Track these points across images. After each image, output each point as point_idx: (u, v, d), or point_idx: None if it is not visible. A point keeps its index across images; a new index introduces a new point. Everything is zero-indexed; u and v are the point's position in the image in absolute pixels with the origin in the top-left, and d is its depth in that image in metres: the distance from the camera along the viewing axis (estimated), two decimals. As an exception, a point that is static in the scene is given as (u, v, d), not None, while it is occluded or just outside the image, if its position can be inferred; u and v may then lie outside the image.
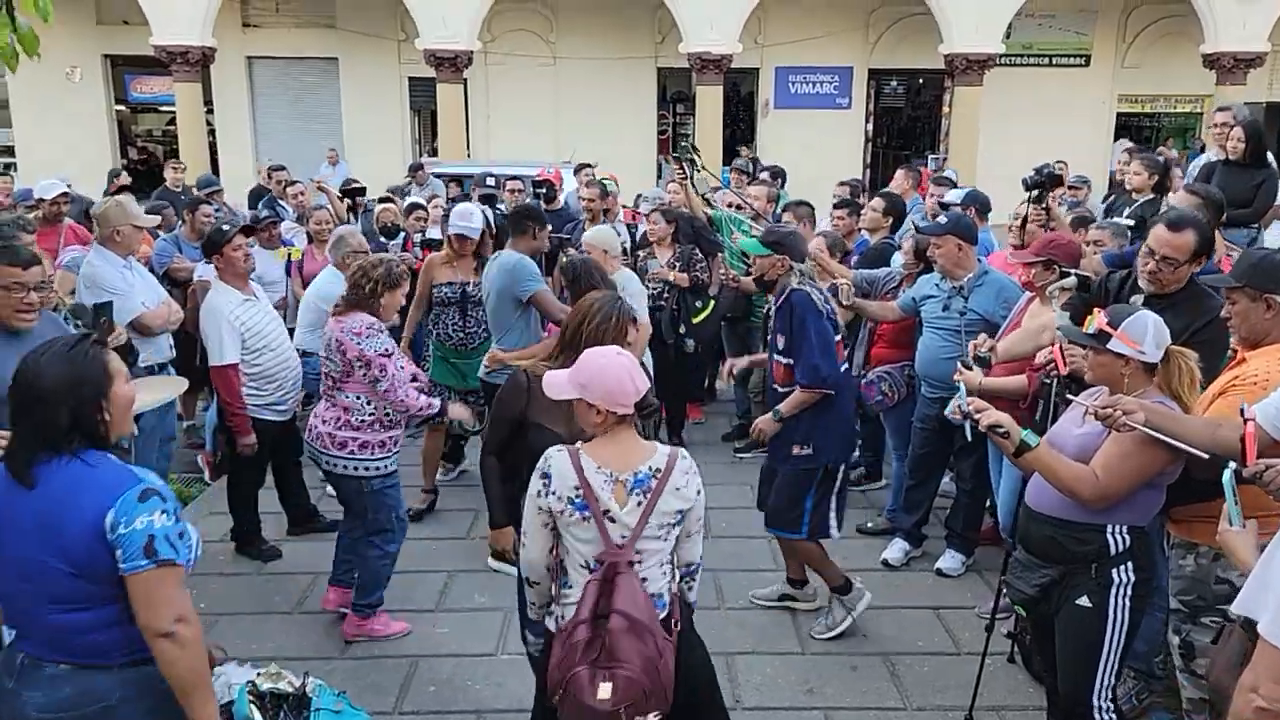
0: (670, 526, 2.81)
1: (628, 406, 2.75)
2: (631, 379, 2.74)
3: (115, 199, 5.62)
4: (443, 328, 5.79)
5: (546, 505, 2.76)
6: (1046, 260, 4.34)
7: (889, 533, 5.56)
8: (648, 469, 2.78)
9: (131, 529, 2.25)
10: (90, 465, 2.30)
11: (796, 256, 4.41)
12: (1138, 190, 6.56)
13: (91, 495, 2.26)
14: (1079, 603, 3.13)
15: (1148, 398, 3.05)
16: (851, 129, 20.54)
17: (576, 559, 2.79)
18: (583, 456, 2.77)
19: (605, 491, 2.73)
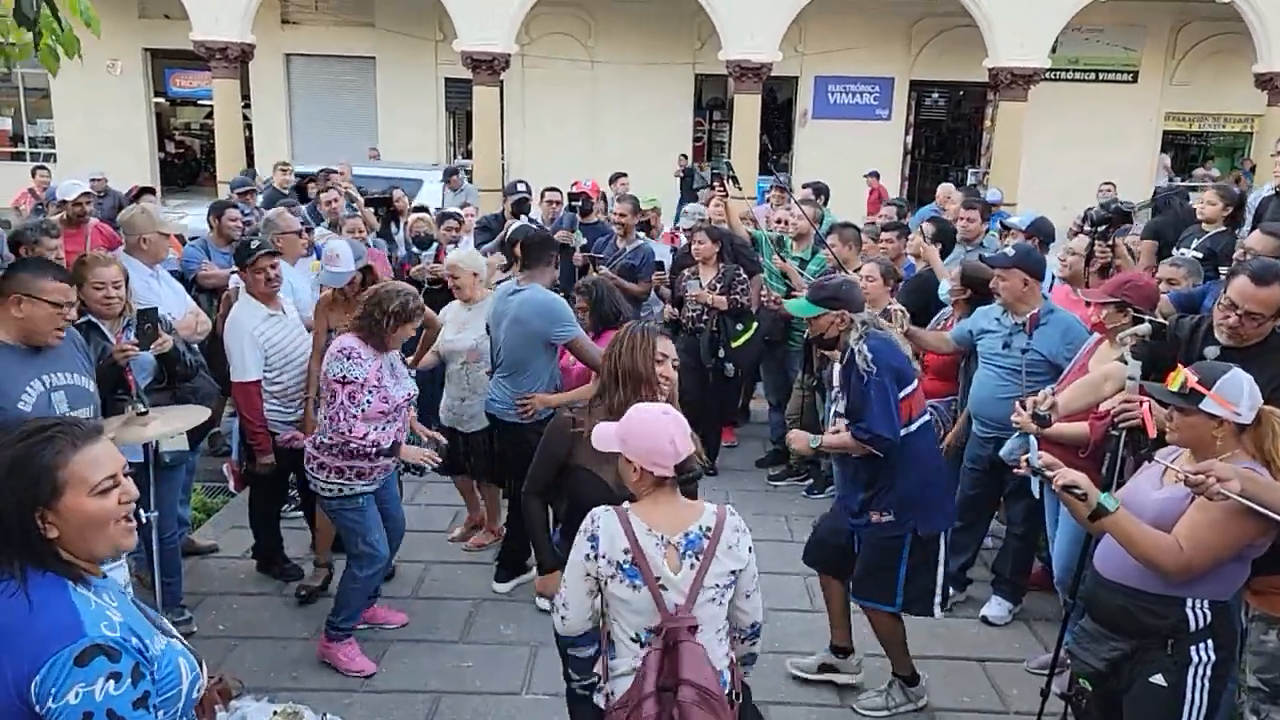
0: (725, 588, 2.64)
1: (666, 468, 2.60)
2: (672, 440, 2.58)
3: (140, 205, 5.51)
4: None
5: (595, 570, 2.59)
6: (1120, 302, 4.09)
7: (932, 574, 5.33)
8: (699, 529, 2.62)
9: (63, 703, 1.69)
10: (28, 604, 1.75)
11: (855, 307, 3.98)
12: (1209, 221, 6.26)
13: (27, 649, 1.72)
14: (1153, 681, 2.90)
15: (1235, 461, 2.82)
16: (890, 140, 20.27)
17: (625, 630, 2.62)
18: (633, 517, 2.61)
19: (658, 556, 2.57)
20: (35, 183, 11.68)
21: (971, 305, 5.17)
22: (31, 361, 3.41)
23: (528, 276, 5.00)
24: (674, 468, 2.59)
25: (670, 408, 2.73)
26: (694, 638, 2.54)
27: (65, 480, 1.83)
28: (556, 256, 5.18)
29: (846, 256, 6.32)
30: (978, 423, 4.88)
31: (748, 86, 17.48)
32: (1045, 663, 4.35)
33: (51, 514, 1.82)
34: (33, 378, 3.38)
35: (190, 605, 4.83)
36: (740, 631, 2.77)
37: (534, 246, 5.10)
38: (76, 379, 3.52)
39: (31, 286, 3.31)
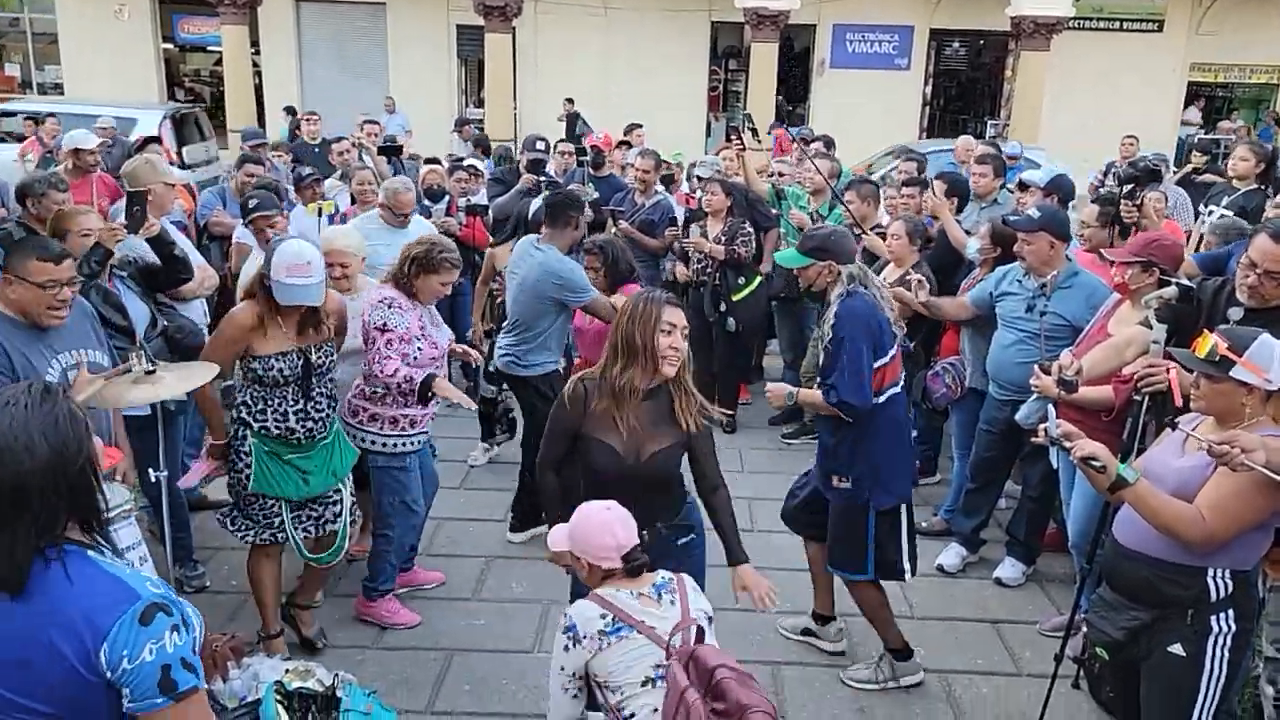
0: (708, 621, 2.75)
1: (612, 561, 2.71)
2: (612, 534, 2.69)
3: (144, 156, 5.42)
4: (271, 414, 3.81)
5: (573, 665, 2.64)
6: (1145, 262, 3.99)
7: (944, 534, 5.30)
8: (660, 578, 2.77)
9: (139, 663, 1.73)
10: (69, 580, 1.75)
11: (843, 258, 3.88)
12: (1241, 178, 6.10)
13: (79, 623, 1.72)
14: (1172, 650, 2.87)
15: (1260, 429, 2.75)
16: (909, 90, 19.90)
17: (633, 683, 2.61)
18: (599, 592, 2.72)
19: (634, 607, 2.66)
20: (44, 130, 11.57)
21: (1001, 264, 5.06)
22: (46, 340, 3.34)
23: (548, 237, 4.95)
24: (620, 559, 2.69)
25: (613, 504, 2.79)
26: (704, 641, 2.61)
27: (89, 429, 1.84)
28: (579, 218, 5.09)
29: (865, 213, 6.21)
30: (995, 385, 4.81)
31: (765, 35, 17.16)
32: (1058, 625, 4.33)
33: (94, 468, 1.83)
34: (52, 358, 3.32)
35: (203, 560, 4.85)
36: None
37: (557, 207, 5.03)
38: (89, 354, 3.45)
39: (17, 268, 3.21)
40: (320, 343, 3.86)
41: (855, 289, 3.84)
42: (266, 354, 3.72)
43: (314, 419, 3.87)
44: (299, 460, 3.87)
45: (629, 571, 2.71)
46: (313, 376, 3.82)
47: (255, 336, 3.72)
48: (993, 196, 6.74)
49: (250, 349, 3.73)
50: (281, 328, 3.74)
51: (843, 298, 3.82)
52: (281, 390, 3.78)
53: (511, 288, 5.04)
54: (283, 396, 3.79)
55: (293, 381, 3.77)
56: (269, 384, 3.76)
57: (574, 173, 8.01)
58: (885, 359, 3.84)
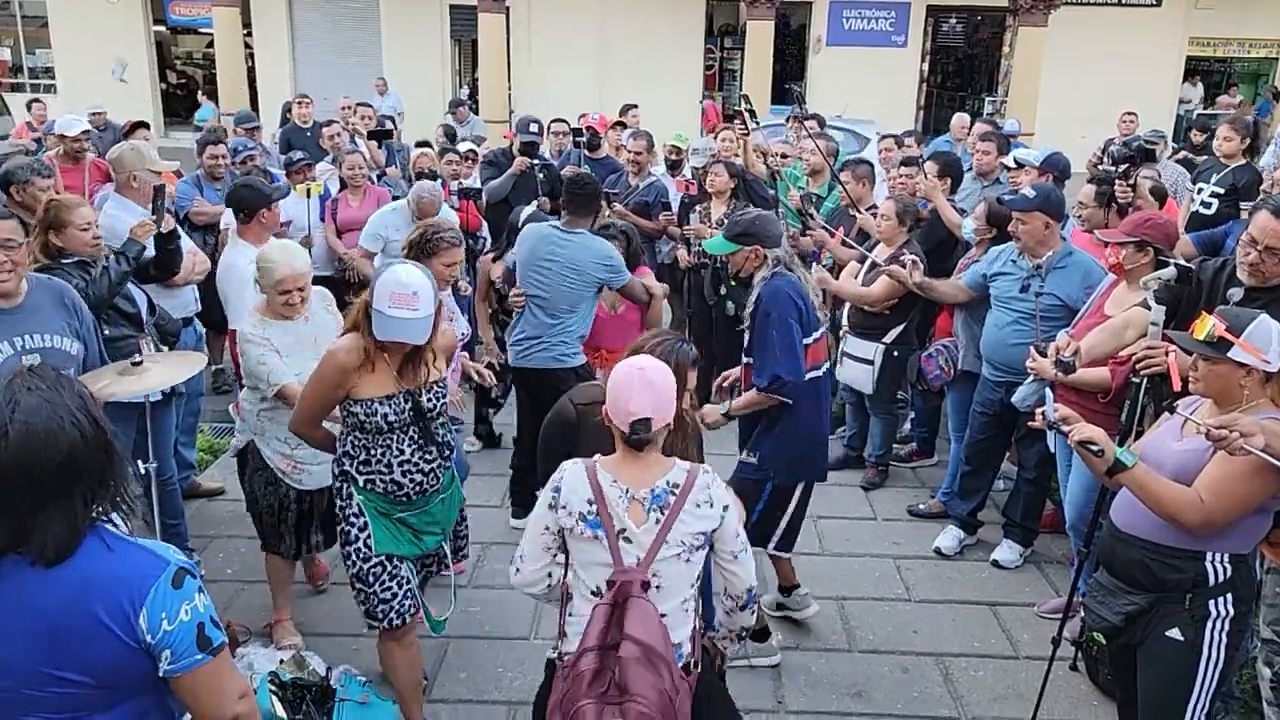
0: (694, 549, 2.57)
1: (622, 425, 2.54)
2: (629, 395, 2.51)
3: (130, 142, 5.34)
4: (376, 465, 3.28)
5: (555, 522, 2.55)
6: (1140, 241, 3.96)
7: (941, 516, 5.29)
8: (665, 484, 2.56)
9: (178, 624, 1.83)
10: (108, 548, 1.83)
11: (768, 243, 3.88)
12: (1228, 156, 6.08)
13: (115, 593, 1.79)
14: (1170, 635, 2.85)
15: (1259, 412, 2.73)
16: (906, 68, 19.74)
17: (585, 585, 2.55)
18: (600, 470, 2.57)
19: (620, 507, 2.52)
20: (32, 115, 11.50)
21: (996, 245, 5.02)
22: (2, 321, 3.22)
23: (572, 221, 4.89)
24: (627, 426, 2.51)
25: (649, 364, 2.59)
26: (645, 595, 2.46)
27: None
28: (601, 204, 5.06)
29: (860, 194, 6.16)
30: (989, 366, 4.78)
31: (760, 12, 17.00)
32: (1056, 607, 4.33)
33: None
34: (4, 339, 3.19)
35: (198, 548, 4.83)
36: (734, 599, 2.69)
37: (583, 195, 4.97)
38: (55, 340, 3.32)
39: None
40: (431, 384, 3.31)
41: (779, 271, 3.86)
42: (369, 397, 3.16)
43: (424, 471, 3.32)
44: (411, 517, 3.37)
45: (628, 443, 2.54)
46: (424, 422, 3.28)
47: (358, 376, 3.17)
48: (994, 175, 6.70)
49: (351, 390, 3.19)
50: (388, 365, 3.19)
51: (766, 280, 3.84)
52: (386, 438, 3.24)
53: (541, 275, 4.80)
54: (387, 445, 3.24)
55: (399, 429, 3.24)
56: (371, 430, 3.21)
57: (569, 154, 7.95)
58: (810, 339, 3.86)
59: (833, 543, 5.14)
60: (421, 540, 3.41)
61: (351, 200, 6.71)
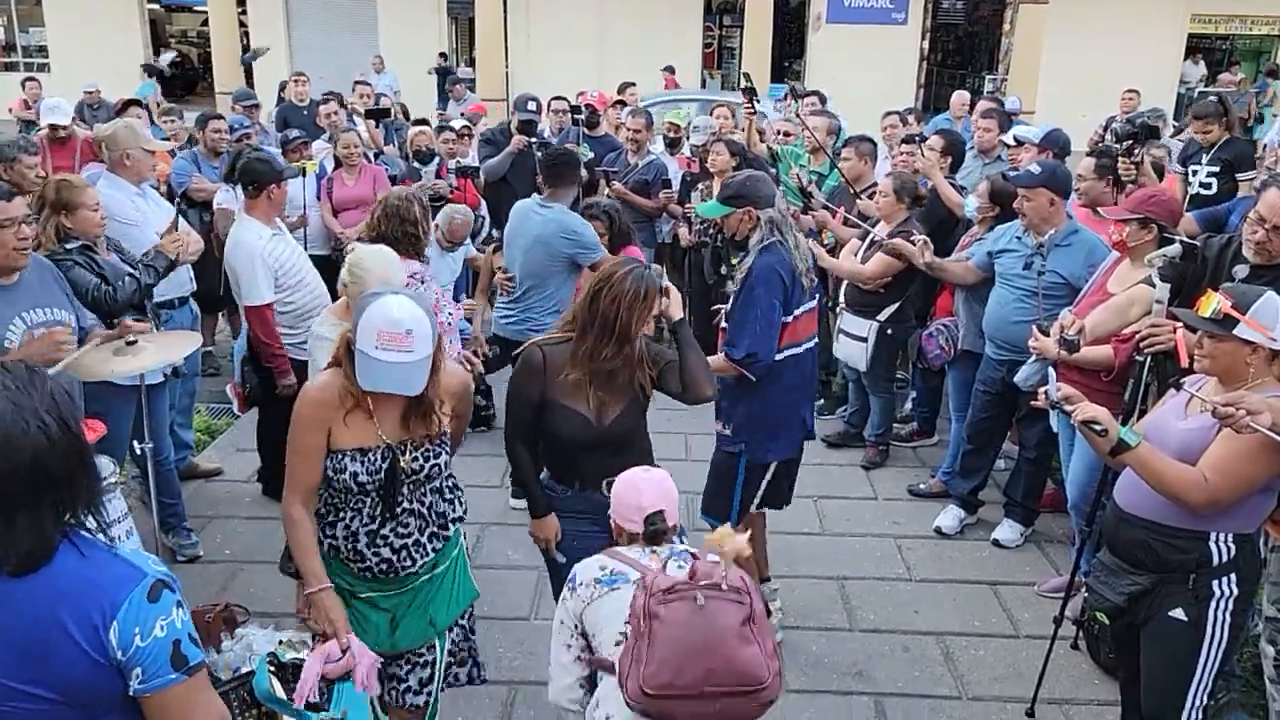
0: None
1: (635, 523, 2.55)
2: (639, 492, 2.55)
3: (123, 120, 5.27)
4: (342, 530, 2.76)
5: (570, 616, 2.50)
6: (1143, 218, 3.92)
7: (941, 496, 5.28)
8: (681, 548, 2.58)
9: (151, 640, 1.70)
10: (82, 556, 1.70)
11: (760, 203, 3.76)
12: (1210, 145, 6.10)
13: (85, 605, 1.66)
14: (1173, 615, 2.84)
15: (1264, 389, 2.70)
16: (906, 46, 19.61)
17: (609, 640, 2.42)
18: (613, 549, 2.60)
19: (643, 560, 2.50)
20: (27, 94, 11.45)
21: (999, 223, 4.98)
22: (9, 298, 3.25)
23: (552, 195, 4.94)
24: (642, 520, 2.53)
25: (655, 470, 2.66)
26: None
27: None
28: (580, 176, 5.07)
29: (860, 171, 6.11)
30: (992, 345, 4.75)
31: (759, -11, 16.90)
32: (1057, 586, 4.32)
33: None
34: (14, 315, 3.24)
35: (195, 529, 4.81)
36: None
37: (559, 166, 5.00)
38: (57, 313, 3.38)
39: None
40: (421, 440, 2.71)
41: (773, 240, 3.76)
42: (341, 449, 2.64)
43: (395, 548, 2.74)
44: (380, 598, 2.81)
45: (647, 536, 2.55)
46: (399, 487, 2.69)
47: (338, 418, 2.65)
48: (996, 153, 6.65)
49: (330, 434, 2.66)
50: (370, 414, 2.65)
51: (761, 248, 3.75)
52: (356, 500, 2.70)
53: (516, 250, 4.99)
54: (356, 510, 2.71)
55: (371, 492, 2.68)
56: (340, 489, 2.69)
57: (568, 132, 7.88)
58: (791, 316, 3.78)
59: (833, 522, 5.13)
60: (396, 633, 2.81)
61: (347, 179, 6.65)
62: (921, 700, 3.79)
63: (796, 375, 3.86)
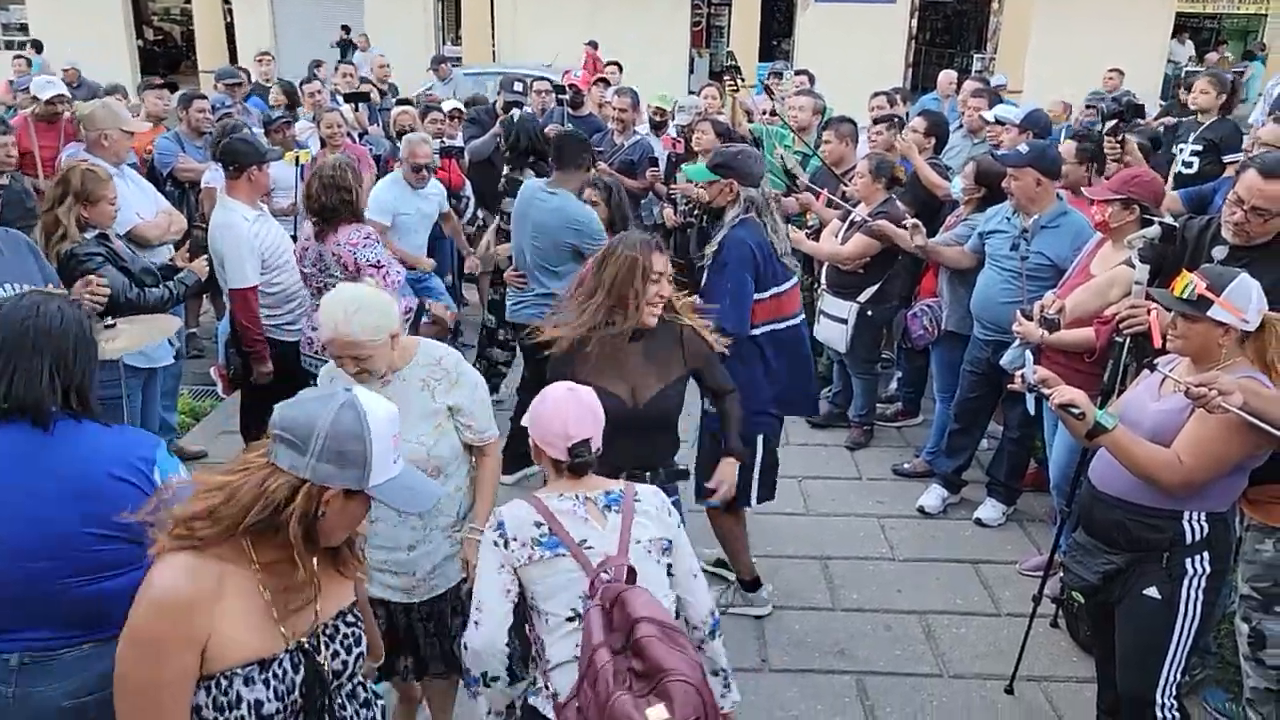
0: (662, 550, 2.39)
1: (558, 450, 2.37)
2: (562, 418, 2.36)
3: (102, 100, 5.22)
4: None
5: (506, 560, 2.29)
6: (1126, 199, 3.93)
7: (926, 475, 5.31)
8: (617, 490, 2.43)
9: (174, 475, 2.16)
10: (105, 426, 2.17)
11: (746, 179, 3.78)
12: (1204, 111, 6.04)
13: (124, 455, 2.13)
14: (1147, 593, 2.88)
15: (1236, 370, 2.73)
16: (895, 25, 19.52)
17: (558, 613, 2.28)
18: (539, 494, 2.40)
19: (576, 516, 2.34)
20: (14, 71, 11.34)
21: (985, 204, 4.98)
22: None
23: (559, 180, 4.83)
24: (566, 450, 2.36)
25: (579, 387, 2.46)
26: (628, 584, 2.19)
27: None
28: (590, 159, 4.96)
29: (843, 153, 6.10)
30: (979, 325, 4.76)
31: (747, -33, 16.79)
32: (1038, 565, 4.36)
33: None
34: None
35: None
36: (698, 628, 2.45)
37: (568, 149, 4.89)
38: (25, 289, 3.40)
39: None
40: (337, 618, 1.94)
41: (749, 216, 3.78)
42: (228, 666, 1.75)
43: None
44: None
45: (572, 469, 2.38)
46: (324, 707, 1.88)
47: (217, 622, 1.73)
48: (984, 132, 6.64)
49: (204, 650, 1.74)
50: (263, 599, 1.78)
51: (735, 222, 3.77)
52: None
53: (523, 235, 4.86)
54: None
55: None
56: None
57: (552, 113, 7.84)
58: (768, 294, 3.79)
59: (817, 502, 5.16)
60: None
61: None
62: (903, 678, 3.83)
63: (780, 351, 3.88)
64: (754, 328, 3.82)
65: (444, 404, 2.85)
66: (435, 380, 2.86)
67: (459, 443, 2.91)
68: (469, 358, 6.80)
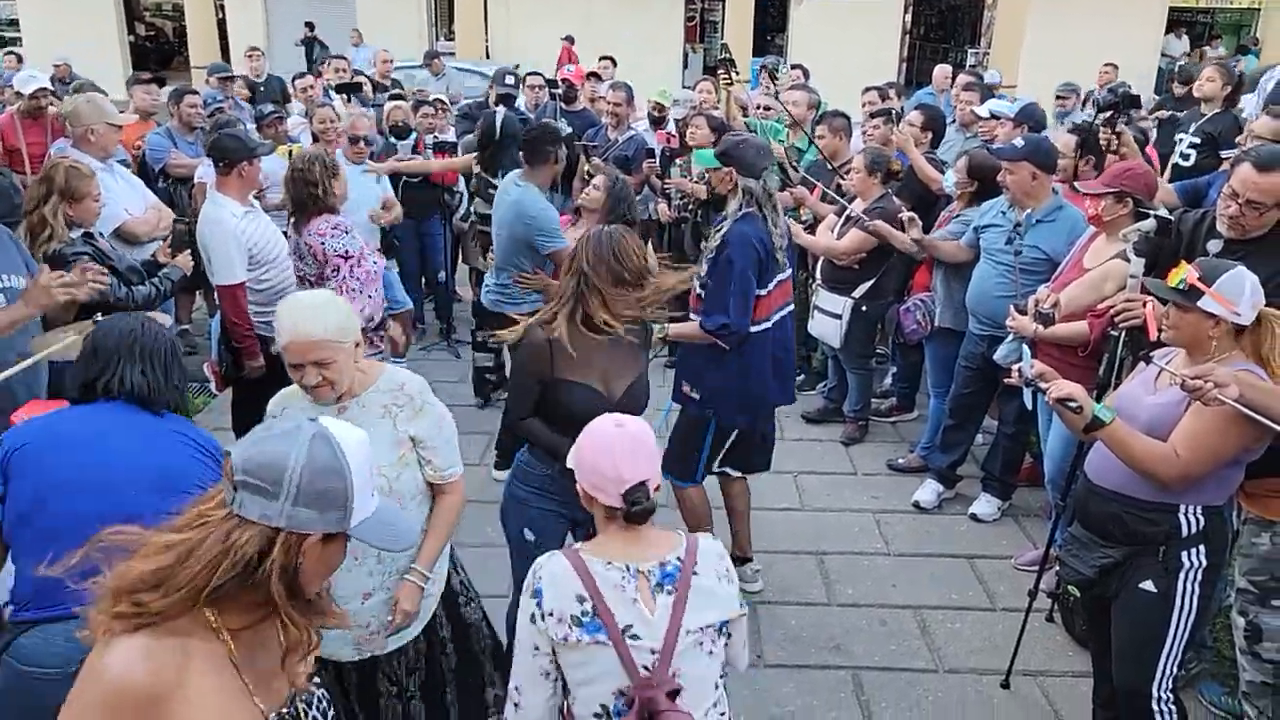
0: (714, 635, 2.08)
1: (609, 496, 2.05)
2: (611, 455, 2.04)
3: (85, 95, 5.16)
4: None
5: (545, 638, 2.00)
6: (1119, 193, 3.92)
7: (921, 471, 5.30)
8: (675, 559, 2.08)
9: None
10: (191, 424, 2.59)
11: (746, 170, 3.79)
12: (1208, 100, 6.00)
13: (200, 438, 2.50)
14: (1143, 587, 2.87)
15: (1231, 363, 2.72)
16: (889, 20, 19.53)
17: (588, 705, 2.03)
18: (586, 556, 2.06)
19: (625, 594, 2.01)
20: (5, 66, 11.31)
21: (978, 199, 4.97)
22: None
23: (527, 174, 4.90)
24: (620, 497, 2.04)
25: (626, 420, 2.13)
26: (676, 705, 1.96)
27: None
28: (557, 152, 4.98)
29: (836, 147, 6.08)
30: (974, 320, 4.75)
31: (741, -38, 16.76)
32: (1033, 560, 4.35)
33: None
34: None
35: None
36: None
37: (531, 142, 4.93)
38: (14, 280, 3.42)
39: None
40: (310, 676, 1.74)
41: (750, 211, 3.79)
42: None
43: None
44: None
45: (628, 517, 2.06)
46: None
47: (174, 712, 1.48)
48: (977, 126, 6.63)
49: None
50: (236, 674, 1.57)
51: (736, 217, 3.79)
52: None
53: (496, 225, 5.04)
54: None
55: None
56: None
57: (545, 107, 7.81)
58: (765, 290, 3.81)
59: (812, 498, 5.15)
60: None
61: (324, 155, 6.58)
62: (899, 673, 3.82)
63: (768, 348, 3.89)
64: (754, 324, 3.82)
65: (406, 432, 2.64)
66: (398, 407, 2.63)
67: (421, 478, 2.71)
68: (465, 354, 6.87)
